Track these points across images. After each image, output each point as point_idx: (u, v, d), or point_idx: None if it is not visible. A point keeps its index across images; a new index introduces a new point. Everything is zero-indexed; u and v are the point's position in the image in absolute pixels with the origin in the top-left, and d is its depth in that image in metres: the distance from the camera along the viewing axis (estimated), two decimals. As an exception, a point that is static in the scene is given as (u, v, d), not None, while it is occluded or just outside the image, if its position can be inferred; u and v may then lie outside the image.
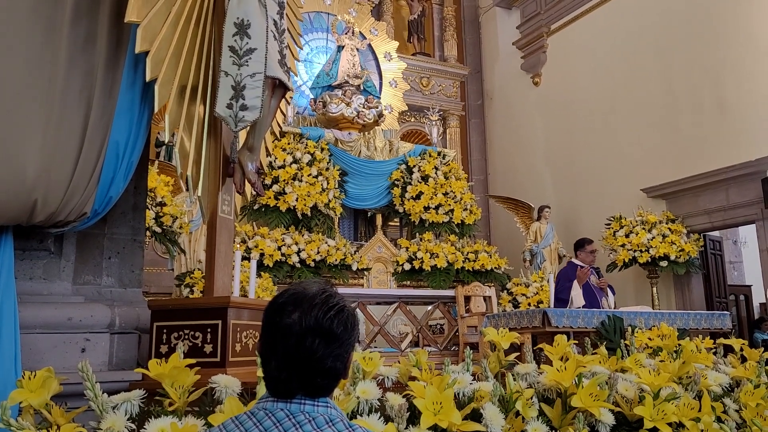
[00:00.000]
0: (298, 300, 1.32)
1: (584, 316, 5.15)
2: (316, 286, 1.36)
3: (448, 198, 9.47)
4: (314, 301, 1.31)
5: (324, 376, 1.31)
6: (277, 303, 1.34)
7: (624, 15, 10.03)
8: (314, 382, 1.30)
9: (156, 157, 9.02)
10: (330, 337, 1.30)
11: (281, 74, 3.04)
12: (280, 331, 1.30)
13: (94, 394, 1.82)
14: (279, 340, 1.30)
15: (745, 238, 11.92)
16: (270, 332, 1.33)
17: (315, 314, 1.29)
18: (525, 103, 12.08)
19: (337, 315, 1.31)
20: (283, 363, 1.29)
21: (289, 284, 1.40)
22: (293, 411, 1.28)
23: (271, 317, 1.34)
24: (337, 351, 1.31)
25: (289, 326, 1.29)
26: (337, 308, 1.32)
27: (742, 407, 2.61)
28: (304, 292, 1.33)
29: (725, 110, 8.46)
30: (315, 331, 1.29)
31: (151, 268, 7.95)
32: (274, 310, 1.34)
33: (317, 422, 1.27)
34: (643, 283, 9.13)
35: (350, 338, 1.35)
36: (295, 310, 1.30)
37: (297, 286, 1.37)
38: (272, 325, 1.32)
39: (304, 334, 1.28)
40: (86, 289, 2.95)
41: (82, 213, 2.61)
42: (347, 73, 9.71)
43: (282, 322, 1.30)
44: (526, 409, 2.18)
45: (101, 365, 2.79)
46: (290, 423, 1.26)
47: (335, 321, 1.31)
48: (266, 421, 1.27)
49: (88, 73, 2.59)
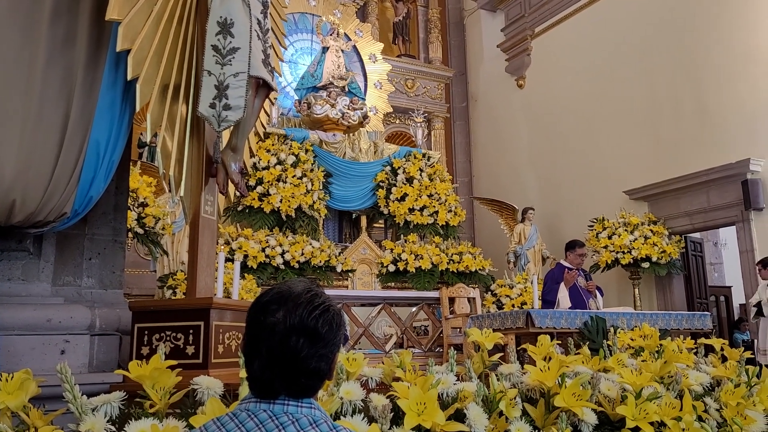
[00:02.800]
0: (283, 298, 1.29)
1: (567, 317, 5.17)
2: (302, 285, 1.33)
3: (432, 200, 9.49)
4: (299, 300, 1.28)
5: (308, 376, 1.29)
6: (261, 301, 1.32)
7: (607, 19, 10.12)
8: (298, 383, 1.28)
9: (138, 158, 8.94)
10: (315, 336, 1.27)
11: (265, 74, 3.03)
12: (264, 329, 1.27)
13: (73, 396, 1.79)
14: (263, 339, 1.27)
15: (725, 239, 12.07)
16: (253, 331, 1.30)
17: (300, 313, 1.27)
18: (509, 106, 12.14)
19: (322, 314, 1.29)
20: (267, 362, 1.27)
21: (275, 283, 1.34)
22: (276, 412, 1.26)
23: (255, 315, 1.31)
24: (321, 351, 1.29)
25: (273, 325, 1.26)
26: (323, 307, 1.30)
27: (723, 406, 2.63)
28: (289, 290, 1.31)
29: (706, 114, 8.56)
30: (299, 331, 1.26)
31: (134, 269, 7.88)
32: (258, 308, 1.31)
33: (301, 423, 1.25)
34: (625, 284, 9.21)
35: (335, 338, 1.32)
36: (280, 308, 1.28)
37: (282, 284, 1.35)
38: (256, 323, 1.30)
39: (288, 333, 1.26)
40: (66, 290, 2.91)
41: (62, 213, 2.57)
42: (332, 74, 9.70)
43: (266, 320, 1.27)
44: (510, 409, 2.18)
45: (81, 367, 2.75)
46: (273, 424, 1.24)
47: (320, 320, 1.28)
48: (249, 422, 1.25)
49: (68, 71, 2.56)
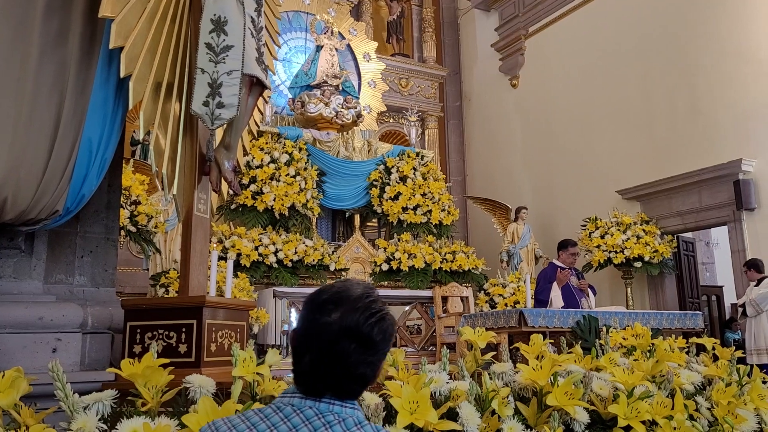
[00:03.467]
0: (341, 299, 1.27)
1: (560, 316, 5.19)
2: (361, 288, 1.31)
3: (426, 199, 9.49)
4: (357, 304, 1.27)
5: (354, 381, 1.28)
6: (319, 299, 1.29)
7: (601, 19, 10.15)
8: (343, 386, 1.27)
9: (131, 156, 8.91)
10: (367, 343, 1.26)
11: (259, 72, 3.02)
12: (318, 328, 1.26)
13: (64, 395, 1.78)
14: (315, 337, 1.26)
15: (717, 239, 12.11)
16: (307, 327, 1.29)
17: (356, 318, 1.25)
18: (503, 105, 12.16)
19: (378, 322, 1.27)
20: (316, 361, 1.26)
21: (334, 282, 1.33)
22: (322, 410, 1.25)
23: (310, 312, 1.29)
24: (371, 358, 1.28)
25: (328, 325, 1.25)
26: (379, 315, 1.28)
27: (714, 405, 2.65)
28: (348, 292, 1.29)
29: (698, 114, 8.60)
30: (353, 335, 1.25)
31: (126, 267, 7.86)
32: (314, 305, 1.29)
33: (346, 424, 1.24)
34: (617, 284, 9.25)
35: (386, 348, 1.31)
36: (337, 309, 1.26)
37: (341, 284, 1.32)
38: (310, 320, 1.28)
39: (341, 335, 1.24)
40: (58, 288, 2.90)
41: (54, 211, 2.56)
42: (326, 73, 9.68)
43: (321, 319, 1.26)
44: (502, 408, 2.19)
45: (73, 365, 2.74)
46: (320, 422, 1.23)
47: (375, 328, 1.27)
48: (294, 418, 1.24)
49: (61, 68, 2.55)
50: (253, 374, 1.97)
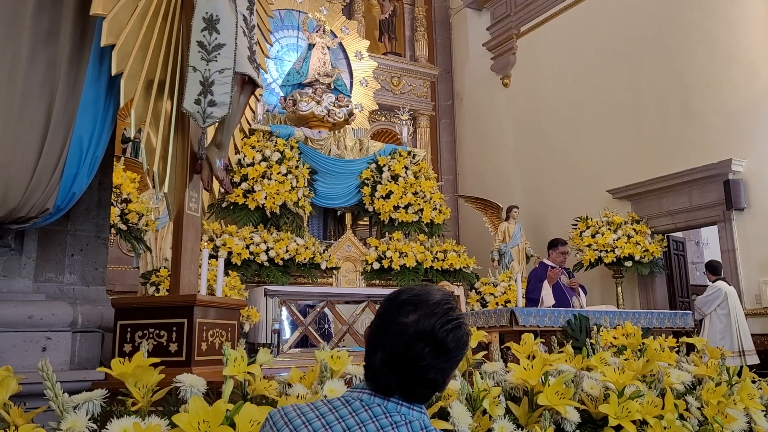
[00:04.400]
0: (421, 302, 1.29)
1: (551, 315, 5.21)
2: (440, 294, 1.33)
3: (417, 197, 9.50)
4: (436, 309, 1.28)
5: (424, 385, 1.29)
6: (398, 299, 1.31)
7: (592, 19, 10.18)
8: (413, 388, 1.28)
9: (122, 154, 8.87)
10: (441, 348, 1.27)
11: (251, 70, 3.01)
12: (394, 327, 1.27)
13: (54, 394, 1.77)
14: (390, 335, 1.27)
15: (707, 239, 12.18)
16: (383, 326, 1.30)
17: (433, 322, 1.27)
18: (494, 104, 12.18)
19: (454, 329, 1.29)
20: (388, 360, 1.27)
21: (415, 284, 1.36)
22: (390, 409, 1.26)
23: (388, 311, 1.31)
24: (443, 364, 1.29)
25: (405, 326, 1.26)
26: (456, 322, 1.29)
27: (704, 405, 2.66)
28: (428, 296, 1.30)
29: (689, 114, 8.65)
30: (428, 339, 1.26)
31: (116, 266, 7.82)
32: (393, 305, 1.30)
33: (413, 426, 1.25)
34: (608, 283, 9.29)
35: (459, 356, 1.32)
36: (415, 311, 1.27)
37: (421, 288, 1.34)
38: (388, 319, 1.29)
39: (416, 337, 1.26)
40: (48, 286, 2.88)
41: (44, 209, 2.55)
42: (318, 71, 9.66)
43: (398, 319, 1.27)
44: (493, 408, 2.19)
45: (63, 364, 2.73)
46: (387, 421, 1.24)
47: (451, 335, 1.28)
48: (363, 413, 1.25)
49: (52, 66, 2.53)
50: (244, 373, 1.97)
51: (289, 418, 1.27)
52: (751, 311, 7.87)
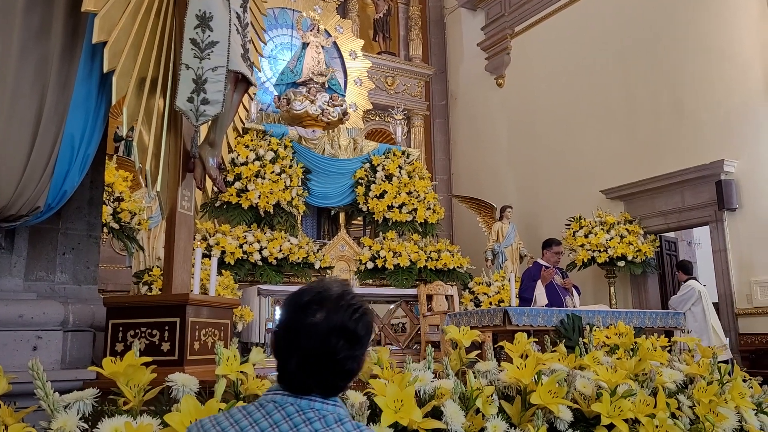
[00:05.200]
0: (324, 299, 1.30)
1: (544, 315, 5.21)
2: (338, 286, 1.34)
3: (411, 197, 9.50)
4: (340, 302, 1.30)
5: (342, 377, 1.32)
6: (301, 301, 1.31)
7: (586, 19, 10.21)
8: (331, 383, 1.31)
9: (115, 152, 8.84)
10: (354, 338, 1.30)
11: (244, 68, 3.00)
12: (304, 329, 1.28)
13: (44, 393, 1.76)
14: (302, 338, 1.28)
15: (699, 239, 12.22)
16: (292, 330, 1.31)
17: (341, 315, 1.29)
18: (488, 104, 12.20)
19: (361, 317, 1.32)
20: (304, 361, 1.28)
21: (310, 282, 1.35)
22: (303, 407, 1.27)
23: (294, 315, 1.31)
24: (357, 352, 1.32)
25: (315, 325, 1.27)
26: (362, 311, 1.32)
27: (696, 403, 2.67)
28: (329, 291, 1.32)
29: (682, 115, 8.68)
30: (340, 332, 1.28)
31: (109, 265, 7.79)
32: (298, 308, 1.31)
33: (327, 420, 1.27)
34: (601, 283, 9.32)
35: (369, 341, 1.36)
36: (321, 309, 1.29)
37: (318, 285, 1.35)
38: (295, 322, 1.30)
39: (329, 334, 1.27)
40: (38, 285, 2.86)
41: (35, 207, 2.53)
42: (312, 70, 9.65)
43: (306, 320, 1.28)
44: (486, 407, 2.19)
45: (54, 364, 2.71)
46: (300, 419, 1.26)
47: (360, 323, 1.31)
48: (276, 414, 1.26)
49: (42, 63, 2.52)
50: (237, 373, 1.96)
51: (205, 429, 1.30)
52: (742, 311, 7.91)
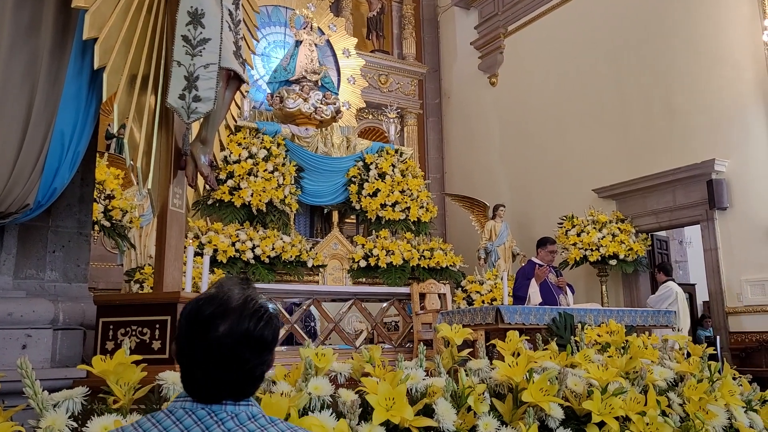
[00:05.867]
0: (226, 310, 1.25)
1: (536, 313, 5.22)
2: (238, 291, 1.29)
3: (404, 195, 9.50)
4: (243, 312, 1.26)
5: (252, 383, 1.30)
6: (203, 314, 1.26)
7: (579, 19, 10.23)
8: (242, 389, 1.28)
9: (106, 150, 8.79)
10: (262, 345, 1.28)
11: (236, 66, 2.99)
12: (208, 343, 1.24)
13: (33, 392, 1.75)
14: (207, 352, 1.25)
15: (690, 238, 12.30)
16: (195, 345, 1.26)
17: (246, 326, 1.25)
18: (482, 103, 12.21)
19: (267, 324, 1.28)
20: (212, 373, 1.25)
21: (208, 290, 1.28)
22: (215, 409, 1.26)
23: (195, 330, 1.26)
24: (265, 357, 1.30)
25: (219, 339, 1.23)
26: (267, 317, 1.29)
27: (686, 401, 2.68)
28: (230, 300, 1.27)
29: (673, 114, 8.71)
30: (247, 342, 1.25)
31: (100, 263, 7.75)
32: (199, 323, 1.26)
33: (239, 419, 1.26)
34: (593, 281, 9.35)
35: (276, 342, 1.33)
36: (223, 322, 1.24)
37: (218, 293, 1.29)
38: (197, 337, 1.26)
39: (235, 345, 1.24)
40: (28, 283, 2.84)
41: (25, 204, 2.51)
42: (305, 68, 9.63)
43: (211, 334, 1.24)
44: (478, 405, 2.19)
45: (43, 362, 2.69)
46: (212, 420, 1.24)
47: (266, 330, 1.28)
48: (186, 419, 1.24)
49: (32, 59, 2.50)
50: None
51: None
52: (732, 309, 7.96)
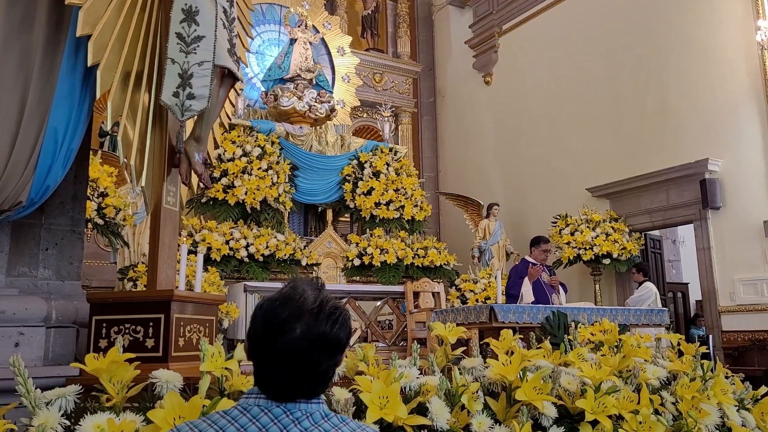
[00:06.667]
0: (300, 311, 1.26)
1: (530, 312, 5.23)
2: (312, 291, 1.29)
3: (398, 194, 9.50)
4: (320, 315, 1.26)
5: (325, 383, 1.31)
6: (278, 318, 1.26)
7: (573, 18, 10.25)
8: (314, 390, 1.29)
9: (100, 147, 8.75)
10: (336, 346, 1.29)
11: (230, 63, 2.98)
12: (285, 345, 1.24)
13: (26, 390, 1.74)
14: (282, 354, 1.25)
15: (683, 237, 12.36)
16: (270, 345, 1.26)
17: (323, 328, 1.26)
18: (476, 102, 12.22)
19: (342, 326, 1.29)
20: (287, 375, 1.26)
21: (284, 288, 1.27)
22: (290, 408, 1.26)
23: (271, 331, 1.26)
24: (338, 357, 1.31)
25: (295, 341, 1.24)
26: (342, 318, 1.29)
27: (679, 400, 2.69)
28: (305, 302, 1.27)
29: (667, 114, 8.74)
30: (323, 343, 1.26)
31: (93, 261, 7.72)
32: (276, 324, 1.26)
33: (314, 418, 1.26)
34: (586, 280, 9.37)
35: (349, 342, 1.34)
36: (299, 321, 1.25)
37: (292, 294, 1.29)
38: (273, 338, 1.26)
39: (312, 347, 1.25)
40: (21, 281, 2.83)
41: (17, 202, 2.50)
42: (299, 66, 9.62)
43: (287, 336, 1.24)
44: (472, 403, 2.19)
45: (36, 360, 2.68)
46: (288, 419, 1.24)
47: (341, 331, 1.29)
48: (263, 417, 1.24)
49: (25, 56, 2.49)
50: (222, 369, 1.95)
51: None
52: (725, 309, 7.99)
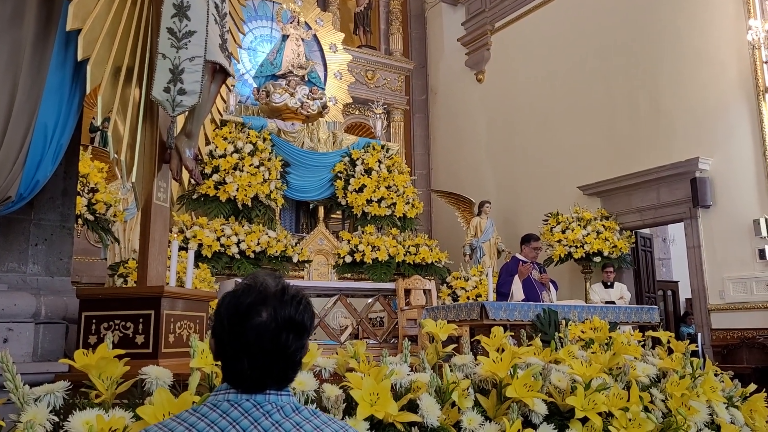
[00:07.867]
0: (265, 297, 1.29)
1: (521, 309, 5.24)
2: (272, 279, 1.34)
3: (390, 191, 9.50)
4: (284, 299, 1.30)
5: (293, 368, 1.33)
6: (243, 304, 1.29)
7: (566, 16, 10.27)
8: (284, 375, 1.31)
9: (90, 143, 8.70)
10: (302, 330, 1.31)
11: (222, 59, 2.97)
12: (253, 330, 1.27)
13: (14, 386, 1.73)
14: (251, 340, 1.27)
15: (673, 235, 12.43)
16: (238, 333, 1.29)
17: (288, 311, 1.29)
18: (468, 100, 12.23)
19: (305, 309, 1.33)
20: (258, 361, 1.28)
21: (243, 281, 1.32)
22: (259, 401, 1.27)
23: (237, 320, 1.29)
24: (304, 341, 1.34)
25: (262, 325, 1.27)
26: (305, 302, 1.33)
27: (668, 397, 2.71)
28: (266, 287, 1.31)
29: (658, 113, 8.78)
30: (290, 327, 1.29)
31: (83, 257, 7.68)
32: (241, 311, 1.29)
33: (285, 411, 1.28)
34: (577, 278, 9.41)
35: (313, 327, 1.37)
36: (265, 309, 1.28)
37: (253, 282, 1.33)
38: (240, 325, 1.28)
39: (279, 331, 1.27)
40: (10, 276, 2.81)
41: (6, 197, 2.48)
42: (292, 63, 9.59)
43: (254, 321, 1.27)
44: (462, 400, 2.20)
45: (25, 356, 2.67)
46: (259, 413, 1.25)
47: (305, 314, 1.32)
48: (233, 412, 1.25)
49: (15, 50, 2.46)
50: (212, 366, 1.94)
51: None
52: (715, 307, 8.04)
